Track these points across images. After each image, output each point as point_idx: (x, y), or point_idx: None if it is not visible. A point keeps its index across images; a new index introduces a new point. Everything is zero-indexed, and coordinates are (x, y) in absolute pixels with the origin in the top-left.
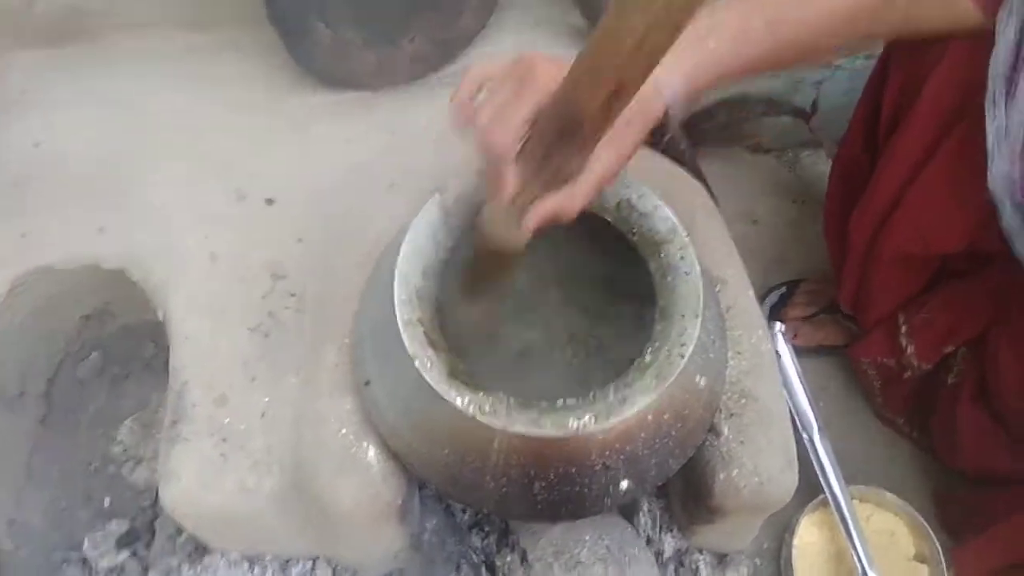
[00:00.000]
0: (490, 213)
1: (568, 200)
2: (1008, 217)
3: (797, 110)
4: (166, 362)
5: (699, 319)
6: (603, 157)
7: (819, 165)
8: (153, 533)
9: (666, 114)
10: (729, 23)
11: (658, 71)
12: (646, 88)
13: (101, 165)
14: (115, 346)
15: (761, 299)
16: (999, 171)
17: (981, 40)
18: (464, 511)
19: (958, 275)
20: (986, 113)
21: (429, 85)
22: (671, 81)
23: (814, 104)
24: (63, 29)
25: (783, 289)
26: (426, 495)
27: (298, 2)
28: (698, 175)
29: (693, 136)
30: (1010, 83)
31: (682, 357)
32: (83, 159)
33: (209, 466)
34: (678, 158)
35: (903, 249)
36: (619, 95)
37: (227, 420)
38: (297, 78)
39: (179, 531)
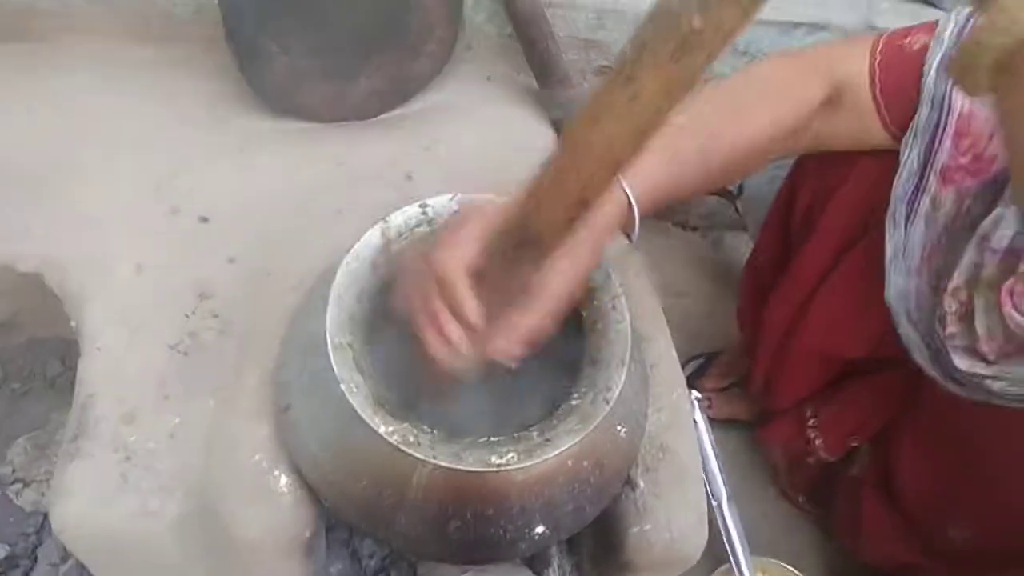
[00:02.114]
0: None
1: (530, 315)
2: (904, 328)
3: (725, 192)
4: (71, 382)
5: (625, 367)
6: (560, 269)
7: (741, 247)
8: (35, 560)
9: None
10: (664, 150)
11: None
12: (617, 206)
13: (35, 166)
14: (18, 360)
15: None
16: (895, 286)
17: (886, 160)
18: (371, 556)
19: (863, 373)
20: (886, 230)
21: (378, 124)
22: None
23: (740, 187)
24: (13, 27)
25: (701, 359)
26: (333, 538)
27: (257, 25)
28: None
29: None
30: (911, 205)
31: (607, 403)
32: (17, 158)
33: (109, 484)
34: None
35: (812, 349)
36: (584, 205)
37: (133, 438)
38: (247, 101)
39: (64, 559)
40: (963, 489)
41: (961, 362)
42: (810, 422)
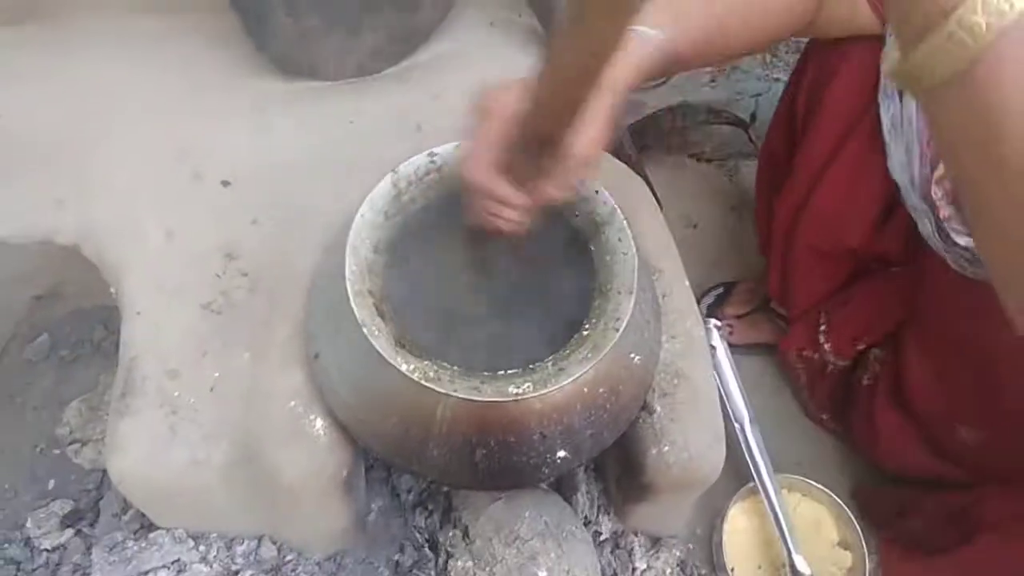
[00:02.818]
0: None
1: (561, 182)
2: (912, 200)
3: (738, 120)
4: (116, 345)
5: (633, 296)
6: (585, 135)
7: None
8: (98, 512)
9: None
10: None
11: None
12: (631, 62)
13: (60, 142)
14: (65, 328)
15: (699, 299)
16: (896, 158)
17: (876, 48)
18: (409, 491)
19: (871, 276)
20: (880, 105)
21: (386, 78)
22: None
23: (753, 115)
24: (24, 7)
25: (720, 289)
26: (372, 477)
27: None
28: (644, 178)
29: (641, 140)
30: None
31: (616, 331)
32: (42, 135)
33: (158, 438)
34: (625, 162)
35: (814, 242)
36: (579, 101)
37: (177, 393)
38: (257, 65)
39: (124, 509)
40: (970, 391)
41: (960, 239)
42: (822, 327)
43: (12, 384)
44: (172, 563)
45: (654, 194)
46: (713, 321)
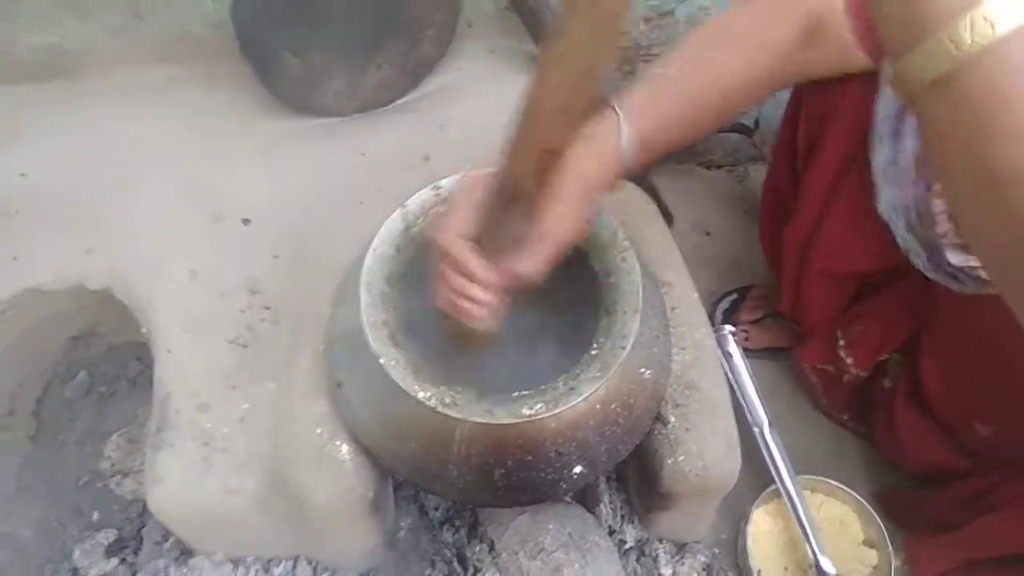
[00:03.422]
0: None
1: (531, 259)
2: (902, 235)
3: (742, 127)
4: (151, 379)
5: (638, 315)
6: (553, 213)
7: None
8: (141, 540)
9: None
10: (649, 97)
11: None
12: (605, 153)
13: (85, 192)
14: (101, 365)
15: (715, 304)
16: (887, 199)
17: (873, 83)
18: (436, 508)
19: (880, 289)
20: (871, 148)
21: (393, 110)
22: (628, 143)
23: (756, 122)
24: (45, 66)
25: (734, 295)
26: (401, 496)
27: (268, 34)
28: (652, 190)
29: None
30: (898, 121)
31: (624, 349)
32: (68, 187)
33: (193, 469)
34: (632, 176)
35: (826, 268)
36: (551, 154)
37: (209, 425)
38: (269, 106)
39: (165, 537)
40: (983, 387)
41: (955, 258)
42: (840, 343)
43: (54, 422)
44: None
45: (664, 206)
46: (728, 327)
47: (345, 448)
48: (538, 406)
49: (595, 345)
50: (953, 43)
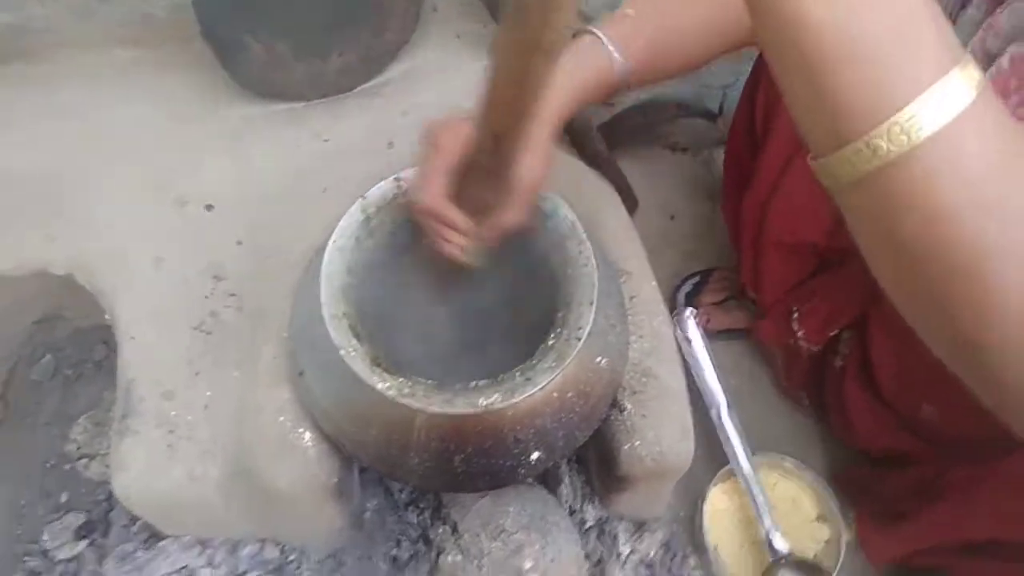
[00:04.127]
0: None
1: (512, 211)
2: None
3: (707, 112)
4: (116, 363)
5: (593, 306)
6: (527, 164)
7: None
8: (109, 524)
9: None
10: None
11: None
12: (589, 76)
13: (47, 177)
14: (67, 348)
15: (677, 287)
16: None
17: None
18: (401, 491)
19: (836, 266)
20: None
21: (358, 95)
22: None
23: (720, 107)
24: (6, 47)
25: (697, 278)
26: (366, 478)
27: (230, 18)
28: (617, 174)
29: (612, 138)
30: None
31: (579, 340)
32: (31, 172)
33: (158, 456)
34: (597, 159)
35: (779, 237)
36: (522, 111)
37: (173, 413)
38: (232, 91)
39: (133, 520)
40: (930, 367)
41: None
42: (794, 315)
43: (21, 405)
44: (180, 569)
45: (629, 188)
46: (689, 310)
47: (308, 436)
48: (495, 396)
49: (552, 336)
50: (871, 150)
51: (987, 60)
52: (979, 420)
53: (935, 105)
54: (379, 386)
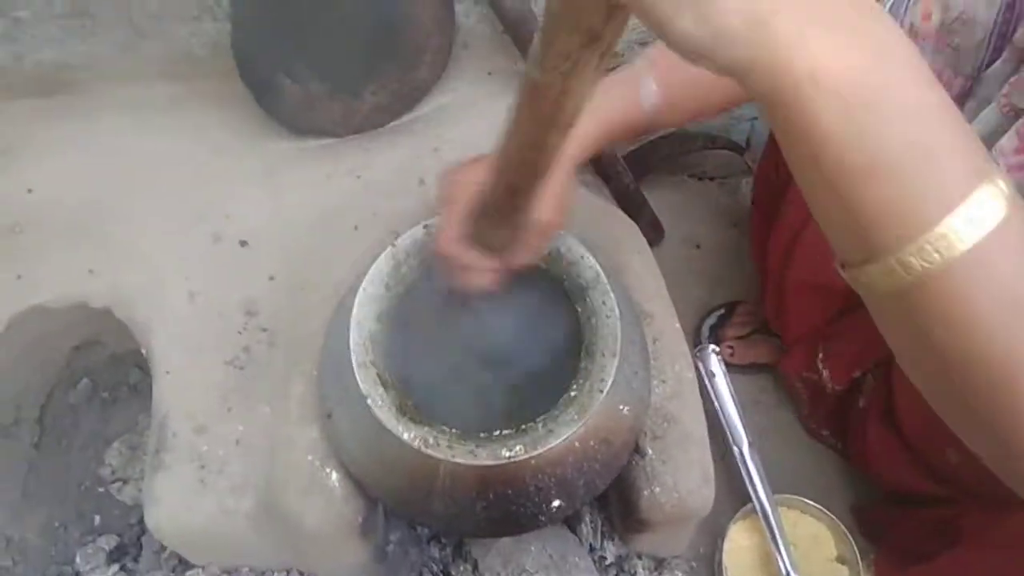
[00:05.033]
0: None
1: (525, 252)
2: None
3: (733, 144)
4: (151, 387)
5: (616, 358)
6: (541, 209)
7: None
8: (140, 547)
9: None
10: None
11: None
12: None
13: (88, 210)
14: (103, 373)
15: (702, 319)
16: None
17: None
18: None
19: (861, 305)
20: None
21: (391, 132)
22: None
23: (748, 140)
24: (51, 81)
25: (721, 310)
26: (390, 512)
27: (265, 58)
28: (643, 205)
29: (638, 168)
30: None
31: (601, 392)
32: (72, 204)
33: (189, 490)
34: (622, 190)
35: (804, 278)
36: (537, 175)
37: (205, 448)
38: (268, 126)
39: (164, 547)
40: None
41: None
42: (819, 355)
43: (58, 428)
44: None
45: (655, 218)
46: (712, 347)
47: (335, 475)
48: (517, 448)
49: (574, 387)
50: (903, 268)
51: (1014, 115)
52: None
53: (965, 223)
54: (404, 436)
